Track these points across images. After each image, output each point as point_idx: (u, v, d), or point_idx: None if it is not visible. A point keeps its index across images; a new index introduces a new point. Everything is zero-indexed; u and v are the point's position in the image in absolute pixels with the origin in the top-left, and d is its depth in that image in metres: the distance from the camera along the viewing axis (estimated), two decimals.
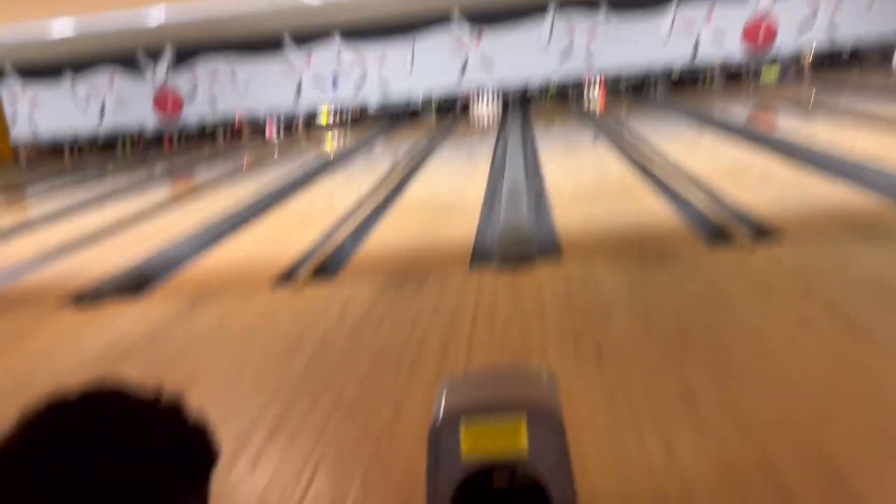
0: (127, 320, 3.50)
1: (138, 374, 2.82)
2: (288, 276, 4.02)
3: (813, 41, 12.46)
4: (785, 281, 3.05)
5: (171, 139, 13.78)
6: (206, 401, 2.45)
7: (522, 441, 1.22)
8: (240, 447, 2.15)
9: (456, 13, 12.55)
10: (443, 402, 1.33)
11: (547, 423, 1.26)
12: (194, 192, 7.68)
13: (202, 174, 9.47)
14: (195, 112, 13.35)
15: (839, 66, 12.73)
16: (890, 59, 12.79)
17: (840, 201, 4.27)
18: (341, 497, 1.87)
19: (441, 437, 1.22)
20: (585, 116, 10.46)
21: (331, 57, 12.97)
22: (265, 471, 2.01)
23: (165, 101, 13.39)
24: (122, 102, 13.41)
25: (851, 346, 2.40)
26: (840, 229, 3.68)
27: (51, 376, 2.83)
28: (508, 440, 1.22)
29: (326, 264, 4.15)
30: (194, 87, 13.25)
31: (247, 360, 2.83)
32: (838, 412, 2.02)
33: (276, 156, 10.63)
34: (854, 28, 12.32)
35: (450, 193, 6.01)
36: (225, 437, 2.17)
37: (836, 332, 2.52)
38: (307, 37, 12.87)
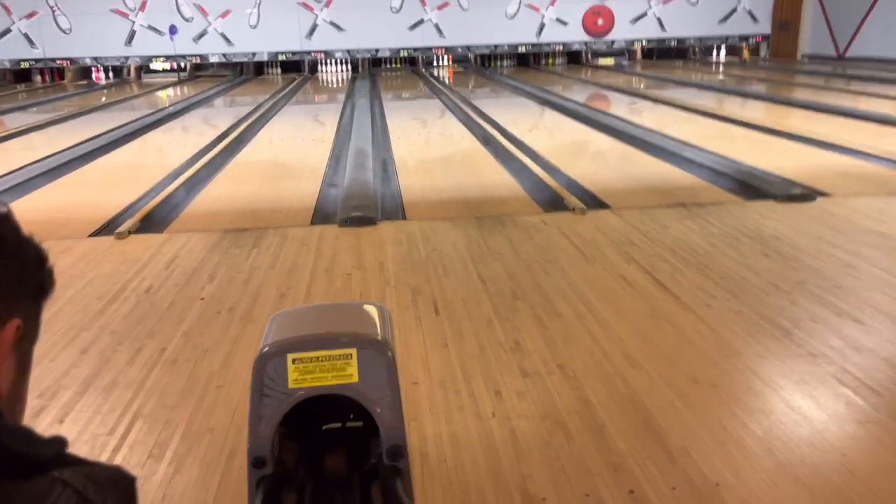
0: None
1: None
2: (109, 227, 3.75)
3: (645, 33, 13.33)
4: (609, 245, 3.26)
5: None
6: None
7: (352, 372, 1.21)
8: (45, 403, 1.98)
9: None
10: (270, 333, 1.28)
11: (378, 355, 1.25)
12: (3, 136, 6.91)
13: (13, 117, 8.54)
14: (8, 49, 12.02)
15: (667, 56, 13.78)
16: (710, 53, 14.01)
17: (661, 177, 4.62)
18: (160, 447, 1.77)
19: (266, 367, 1.18)
20: (433, 87, 10.55)
21: (168, 5, 12.13)
22: (73, 425, 1.87)
23: None
24: None
25: (662, 302, 2.62)
26: (660, 201, 3.98)
27: None
28: (338, 371, 1.20)
29: (154, 217, 3.91)
30: (8, 24, 11.90)
31: (58, 312, 2.60)
32: (647, 358, 2.20)
33: (102, 102, 9.82)
34: (680, 25, 13.32)
35: (293, 153, 5.85)
36: (28, 394, 2.01)
37: (650, 290, 2.73)
38: None
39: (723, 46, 13.84)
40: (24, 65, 12.22)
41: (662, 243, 3.27)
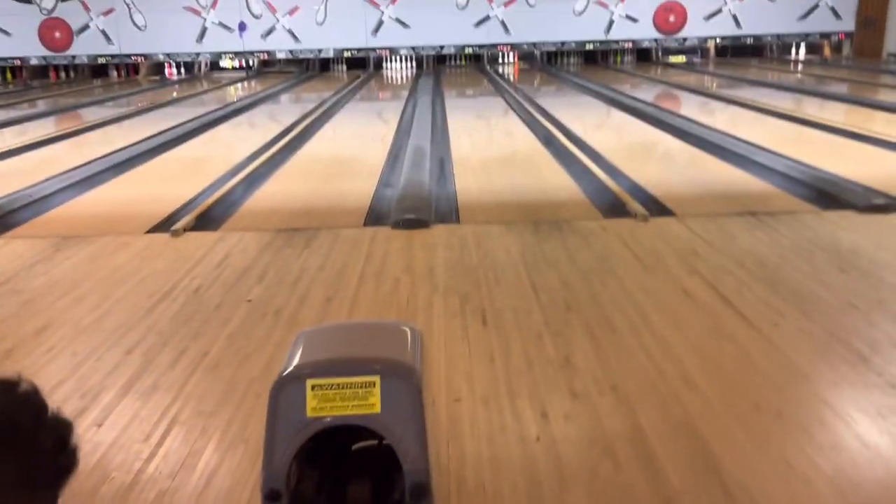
0: None
1: None
2: (168, 223, 3.79)
3: (719, 30, 12.87)
4: (672, 254, 3.10)
5: (58, 71, 12.87)
6: (55, 353, 2.28)
7: (375, 402, 1.13)
8: (87, 405, 1.98)
9: None
10: (294, 355, 1.22)
11: (402, 384, 1.17)
12: (79, 129, 7.16)
13: (90, 112, 8.84)
14: (87, 46, 12.48)
15: (742, 54, 13.27)
16: (789, 52, 13.43)
17: (730, 183, 4.40)
18: (194, 456, 1.74)
19: (283, 393, 1.12)
20: (497, 85, 10.43)
21: (238, 2, 12.37)
22: (111, 430, 1.85)
23: (53, 32, 12.42)
24: (4, 30, 12.36)
25: (726, 319, 2.46)
26: (728, 209, 3.78)
27: None
28: (359, 401, 1.12)
29: (211, 214, 3.94)
30: (87, 20, 12.36)
31: (109, 310, 2.62)
32: (706, 381, 2.05)
33: (174, 97, 10.08)
34: (757, 22, 12.80)
35: (352, 151, 5.85)
36: (72, 394, 2.01)
37: (713, 305, 2.57)
38: None
39: (802, 44, 13.25)
40: (101, 60, 12.67)
41: (729, 254, 3.09)
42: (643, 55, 13.32)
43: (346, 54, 12.74)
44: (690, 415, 1.90)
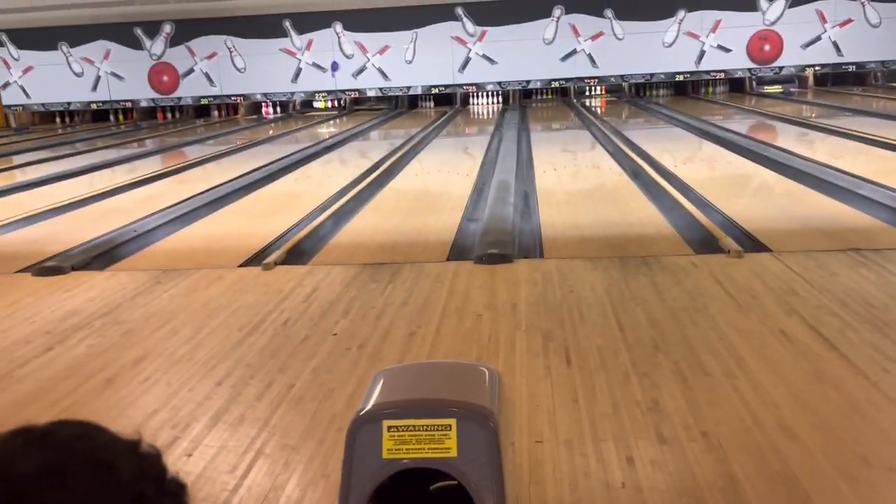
0: (86, 293, 3.39)
1: (85, 349, 2.71)
2: (259, 257, 3.92)
3: (818, 58, 12.38)
4: (768, 293, 2.96)
5: (164, 112, 13.70)
6: (150, 383, 2.38)
7: (451, 445, 1.11)
8: (178, 434, 2.04)
9: (460, 10, 12.45)
10: (371, 395, 1.21)
11: (479, 428, 1.14)
12: (182, 167, 7.55)
13: (192, 150, 9.34)
14: (191, 88, 13.25)
15: (843, 82, 12.70)
16: (895, 79, 12.75)
17: (831, 217, 4.18)
18: (276, 490, 1.76)
19: (359, 435, 1.11)
20: (584, 118, 10.36)
21: (331, 43, 12.86)
22: (199, 460, 1.90)
23: (161, 76, 13.26)
24: (117, 74, 13.29)
25: (828, 363, 2.30)
26: (829, 245, 3.58)
27: None
28: (435, 444, 1.10)
29: (301, 247, 4.05)
30: (192, 64, 13.13)
31: (202, 342, 2.72)
32: (807, 430, 1.92)
33: (269, 135, 10.51)
34: (859, 49, 12.24)
35: (438, 185, 5.91)
36: (164, 424, 2.08)
37: (813, 348, 2.42)
38: (307, 23, 12.77)
39: None
40: (204, 101, 13.39)
41: (831, 294, 2.91)
42: (736, 85, 12.95)
43: (434, 91, 12.98)
44: (790, 466, 1.78)
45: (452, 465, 1.12)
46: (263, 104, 13.67)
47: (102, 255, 4.05)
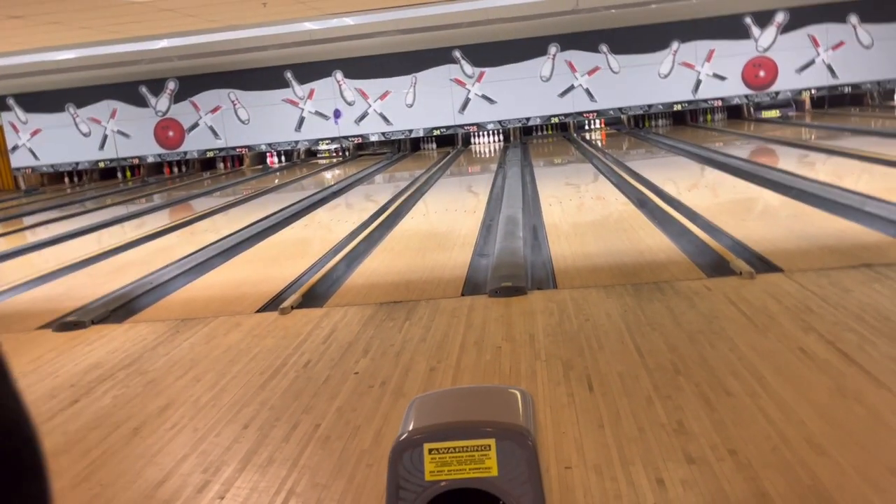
0: (107, 345, 3.42)
1: (111, 400, 2.74)
2: (276, 302, 3.97)
3: (814, 81, 12.53)
4: (783, 312, 2.97)
5: (171, 167, 13.90)
6: (177, 429, 2.40)
7: (491, 465, 1.14)
8: (209, 478, 2.06)
9: (458, 53, 12.69)
10: (409, 421, 1.25)
11: (517, 446, 1.17)
12: (191, 219, 7.65)
13: (200, 202, 9.46)
14: (197, 142, 13.47)
15: (840, 104, 12.83)
16: (891, 97, 12.88)
17: (840, 235, 4.21)
18: None
19: (402, 457, 1.14)
20: (585, 151, 10.48)
21: (333, 91, 13.09)
22: (232, 503, 1.91)
23: (167, 131, 13.49)
24: (124, 132, 13.54)
25: (850, 378, 2.32)
26: (840, 262, 3.61)
27: None
28: (476, 464, 1.13)
29: (316, 291, 4.10)
30: (196, 118, 13.38)
31: (225, 387, 2.74)
32: (835, 445, 1.93)
33: (275, 184, 10.64)
34: (853, 70, 12.40)
35: (446, 224, 5.97)
36: (194, 469, 2.10)
37: (834, 363, 2.44)
38: (308, 72, 13.03)
39: None
40: (210, 154, 13.60)
41: (846, 309, 2.93)
42: (734, 112, 13.10)
43: (436, 132, 13.15)
44: (821, 481, 1.78)
45: (494, 485, 1.15)
46: (268, 154, 13.87)
47: (120, 309, 4.10)
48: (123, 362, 3.16)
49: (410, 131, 13.16)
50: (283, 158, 13.93)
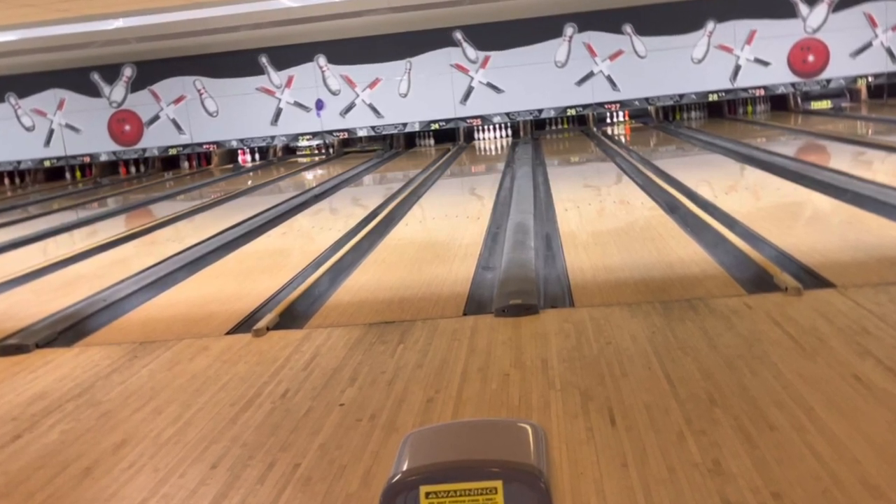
0: (54, 372, 3.44)
1: (59, 435, 2.75)
2: (249, 322, 3.98)
3: (871, 67, 12.58)
4: (836, 334, 2.99)
5: (128, 166, 13.94)
6: (135, 470, 2.41)
7: None
8: None
9: (459, 35, 12.75)
10: (403, 459, 1.26)
11: (529, 489, 1.19)
12: (151, 226, 7.67)
13: (161, 207, 9.49)
14: (157, 137, 13.52)
15: None
16: None
17: None
18: None
19: (395, 502, 1.16)
20: (607, 148, 10.52)
21: (314, 79, 13.16)
22: None
23: (123, 125, 13.55)
24: (73, 126, 13.59)
25: None
26: None
27: None
28: None
29: (295, 310, 4.11)
30: (157, 110, 13.43)
31: (190, 421, 2.76)
32: (893, 486, 1.94)
33: (248, 186, 10.68)
34: None
35: (446, 232, 5.99)
36: None
37: (893, 393, 2.45)
38: (287, 57, 13.08)
39: None
40: (172, 151, 13.65)
41: None
42: (779, 103, 13.16)
43: (434, 126, 13.21)
44: None
45: None
46: (240, 151, 13.93)
47: (69, 330, 4.11)
48: (73, 392, 3.17)
49: (404, 125, 13.23)
50: (257, 156, 13.99)
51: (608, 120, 13.61)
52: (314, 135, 13.41)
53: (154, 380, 3.23)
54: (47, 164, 13.83)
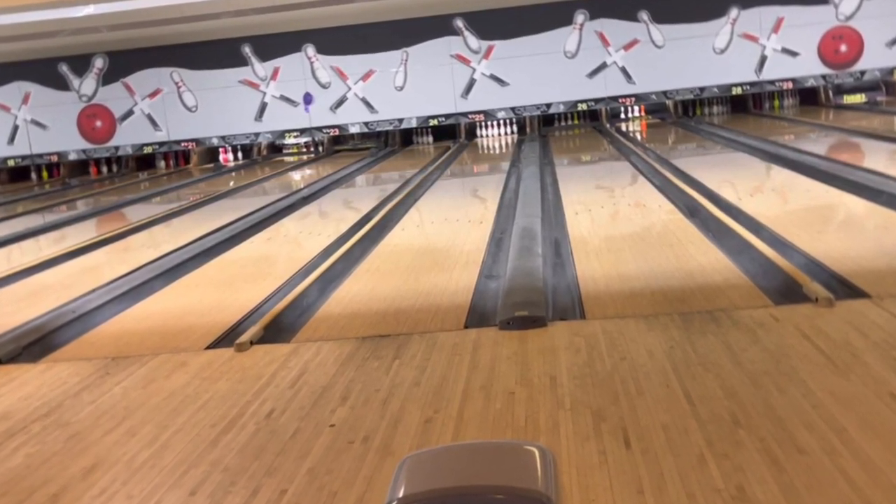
0: (18, 390, 3.45)
1: (23, 459, 2.75)
2: (231, 336, 3.99)
3: None
4: (871, 349, 3.00)
5: (99, 165, 13.96)
6: (107, 496, 2.42)
7: None
8: None
9: (461, 22, 12.78)
10: (398, 485, 1.27)
11: None
12: (124, 231, 7.68)
13: (136, 210, 9.50)
14: (131, 134, 13.53)
15: None
16: None
17: None
18: None
19: None
20: (621, 146, 10.54)
21: (302, 71, 13.18)
22: None
23: (93, 121, 13.57)
24: (39, 122, 13.60)
25: None
26: None
27: None
28: None
29: (281, 322, 4.13)
30: (131, 105, 13.45)
31: (167, 444, 2.76)
32: None
33: (230, 187, 10.70)
34: None
35: (445, 237, 6.01)
36: None
37: None
38: (272, 47, 13.09)
39: None
40: (148, 149, 13.66)
41: None
42: (808, 97, 13.19)
43: (432, 122, 13.23)
44: None
45: None
46: (221, 150, 13.95)
47: (35, 344, 4.12)
48: (39, 412, 3.18)
49: (400, 121, 13.25)
50: (239, 155, 14.01)
51: (622, 115, 13.64)
52: (302, 131, 13.43)
53: (127, 398, 3.24)
54: (11, 163, 13.85)
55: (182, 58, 13.25)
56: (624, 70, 12.82)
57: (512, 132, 13.38)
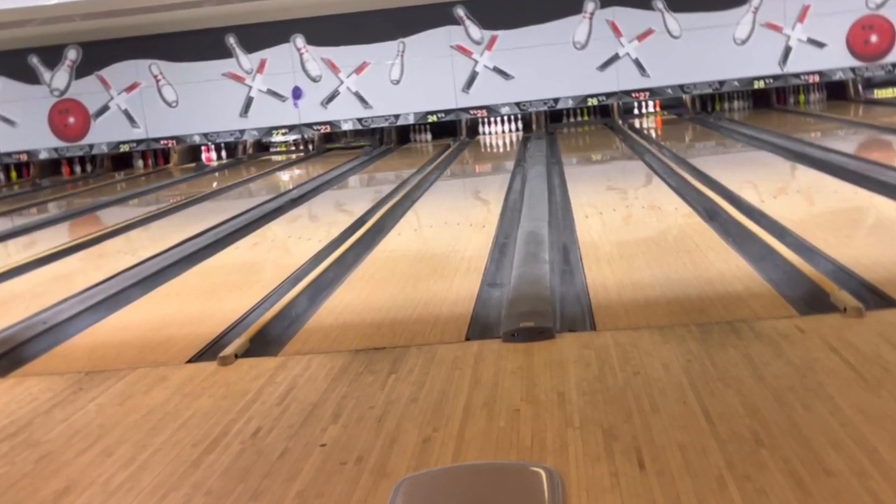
0: None
1: None
2: (214, 348, 3.99)
3: None
4: None
5: (72, 165, 13.97)
6: None
7: None
8: None
9: (462, 11, 12.80)
10: None
11: None
12: (99, 236, 7.70)
13: (111, 213, 9.51)
14: (107, 131, 13.54)
15: None
16: None
17: None
18: None
19: None
20: (634, 145, 10.56)
21: (291, 63, 13.20)
22: None
23: (66, 117, 13.58)
24: (7, 118, 13.62)
25: None
26: None
27: None
28: None
29: (268, 333, 4.13)
30: (106, 99, 13.46)
31: (146, 465, 2.77)
32: None
33: (213, 188, 10.72)
34: None
35: (445, 242, 6.02)
36: None
37: None
38: (259, 37, 13.10)
39: None
40: (124, 148, 13.67)
41: None
42: (836, 91, 13.22)
43: (431, 119, 13.25)
44: None
45: None
46: (204, 148, 13.97)
47: (3, 357, 4.12)
48: (7, 430, 3.18)
49: (397, 117, 13.28)
50: (223, 154, 14.03)
51: (636, 111, 13.67)
52: (291, 128, 13.45)
53: (103, 416, 3.24)
54: None
55: (161, 49, 13.26)
56: (637, 62, 12.85)
57: (517, 129, 13.41)
